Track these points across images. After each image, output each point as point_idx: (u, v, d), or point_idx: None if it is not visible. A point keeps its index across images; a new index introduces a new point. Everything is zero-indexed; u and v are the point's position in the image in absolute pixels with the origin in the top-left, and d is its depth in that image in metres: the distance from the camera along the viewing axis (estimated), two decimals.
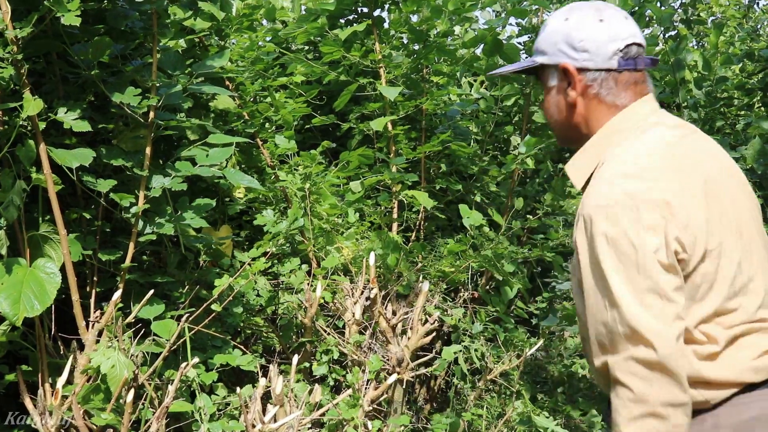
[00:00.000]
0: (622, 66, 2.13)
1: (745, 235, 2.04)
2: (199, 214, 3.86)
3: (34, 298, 3.24)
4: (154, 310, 3.72)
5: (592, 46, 2.12)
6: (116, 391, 3.28)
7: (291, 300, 4.34)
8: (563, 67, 2.16)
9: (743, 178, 2.16)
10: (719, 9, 9.58)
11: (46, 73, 3.80)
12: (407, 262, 4.68)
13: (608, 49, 2.12)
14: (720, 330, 1.96)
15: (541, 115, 5.52)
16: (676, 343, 1.87)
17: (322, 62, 5.10)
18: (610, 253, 1.90)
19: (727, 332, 1.95)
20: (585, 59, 2.13)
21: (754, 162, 5.07)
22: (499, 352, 4.80)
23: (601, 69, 2.13)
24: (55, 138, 3.63)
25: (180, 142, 4.24)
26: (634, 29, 2.16)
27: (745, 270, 2.00)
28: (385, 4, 5.14)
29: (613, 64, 2.12)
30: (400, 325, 4.35)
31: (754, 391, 1.95)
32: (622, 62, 2.13)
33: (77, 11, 3.20)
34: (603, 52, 2.12)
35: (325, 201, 4.64)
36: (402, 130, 5.06)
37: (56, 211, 3.41)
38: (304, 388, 3.81)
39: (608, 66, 2.12)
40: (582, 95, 2.16)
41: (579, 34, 2.13)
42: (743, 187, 2.13)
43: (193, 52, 4.56)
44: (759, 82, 5.80)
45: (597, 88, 2.14)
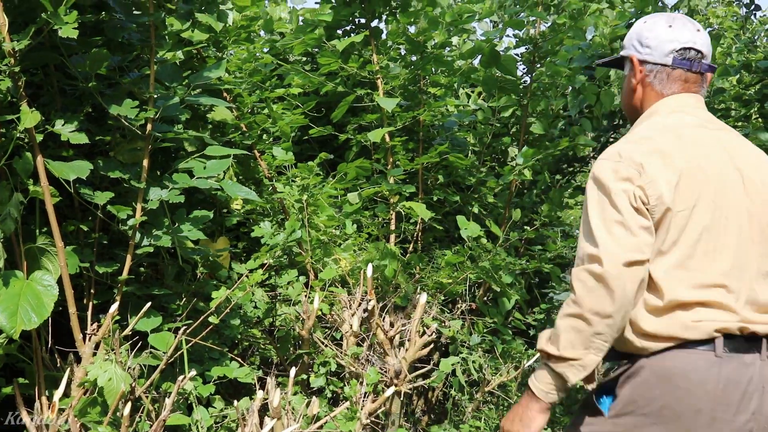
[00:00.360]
0: (676, 64, 2.49)
1: (729, 220, 2.31)
2: (197, 226, 3.86)
3: (31, 310, 3.24)
4: (152, 322, 3.72)
5: (654, 43, 2.51)
6: (113, 404, 3.26)
7: (288, 312, 4.34)
8: (630, 58, 2.58)
9: (762, 181, 2.40)
10: (716, 20, 9.60)
11: (44, 85, 3.80)
12: (405, 274, 4.68)
13: (666, 47, 2.49)
14: (672, 288, 2.25)
15: (539, 126, 5.53)
16: (625, 267, 2.19)
17: (319, 73, 5.10)
18: (593, 193, 2.32)
19: (678, 291, 2.24)
20: (647, 53, 2.53)
21: None
22: (497, 364, 4.79)
23: (658, 63, 2.51)
24: (53, 150, 3.63)
25: (177, 153, 4.23)
26: (699, 39, 2.50)
27: (712, 244, 2.28)
28: (382, 15, 5.15)
29: (668, 61, 2.49)
30: (398, 337, 4.34)
31: (686, 348, 2.23)
32: (677, 61, 2.49)
33: (74, 24, 3.19)
34: (662, 49, 2.50)
35: (323, 212, 4.64)
36: (399, 142, 5.06)
37: (53, 224, 3.40)
38: (301, 401, 3.79)
39: (664, 62, 2.50)
40: (641, 83, 2.56)
41: (648, 33, 2.54)
42: (754, 186, 2.37)
43: (191, 64, 4.56)
44: (756, 93, 5.79)
45: (652, 78, 2.53)
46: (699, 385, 2.19)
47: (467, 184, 5.70)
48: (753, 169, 2.40)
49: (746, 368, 2.22)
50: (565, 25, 5.40)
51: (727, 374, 2.20)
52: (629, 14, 5.82)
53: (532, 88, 5.44)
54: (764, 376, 2.24)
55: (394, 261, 4.55)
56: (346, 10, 5.02)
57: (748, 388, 2.21)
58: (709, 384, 2.19)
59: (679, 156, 2.32)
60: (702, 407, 2.19)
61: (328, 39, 5.13)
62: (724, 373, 2.19)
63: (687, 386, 2.20)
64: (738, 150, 2.41)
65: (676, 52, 2.48)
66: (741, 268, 2.29)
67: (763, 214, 2.36)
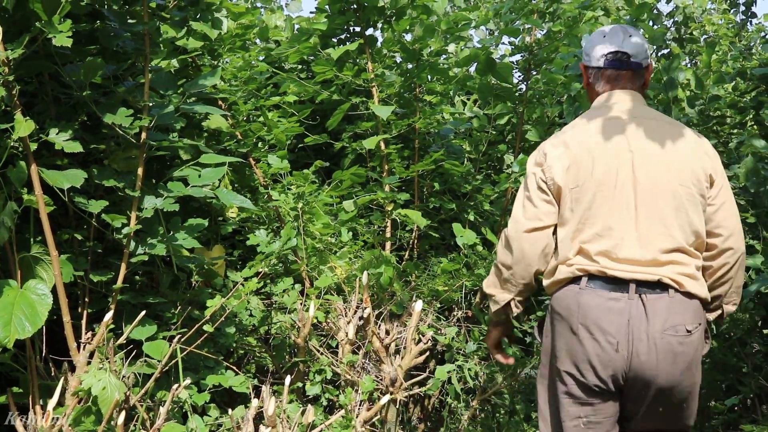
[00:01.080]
0: (607, 65, 3.07)
1: (613, 192, 2.88)
2: (192, 234, 3.85)
3: (25, 319, 3.23)
4: (146, 330, 3.71)
5: (592, 51, 3.11)
6: (107, 413, 3.26)
7: (284, 320, 4.33)
8: (581, 65, 3.20)
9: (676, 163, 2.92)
10: (712, 28, 9.61)
11: (38, 93, 3.80)
12: (400, 282, 4.67)
13: (599, 53, 3.09)
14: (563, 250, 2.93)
15: (534, 133, 5.53)
16: (525, 232, 2.97)
17: (314, 81, 5.10)
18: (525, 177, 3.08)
19: (565, 253, 2.93)
20: (587, 60, 3.14)
21: (746, 180, 5.06)
22: (492, 372, 4.79)
23: (594, 66, 3.11)
24: (47, 159, 3.63)
25: (172, 162, 4.23)
26: (627, 43, 3.07)
27: (594, 212, 2.89)
28: (377, 24, 5.15)
29: (600, 64, 3.08)
30: (394, 345, 4.34)
31: (565, 286, 2.92)
32: (608, 62, 3.07)
33: (69, 32, 3.20)
34: (595, 55, 3.10)
35: (318, 220, 4.64)
36: (395, 149, 5.06)
37: (47, 233, 3.40)
38: (296, 409, 3.79)
39: (598, 65, 3.09)
40: (587, 84, 3.18)
41: (589, 44, 3.15)
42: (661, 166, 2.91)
43: (186, 72, 4.56)
44: (751, 100, 5.79)
45: (592, 79, 3.14)
46: (566, 308, 2.88)
47: (463, 191, 5.69)
48: (650, 150, 2.92)
49: (605, 300, 2.82)
50: (560, 32, 5.41)
51: (586, 300, 2.84)
52: (624, 21, 5.83)
53: (528, 95, 5.44)
54: (630, 311, 2.80)
55: (389, 268, 4.55)
56: (341, 19, 5.03)
57: (608, 316, 2.80)
58: (572, 306, 2.86)
59: (576, 144, 2.96)
60: (571, 323, 2.87)
61: (323, 47, 5.13)
62: (582, 299, 2.84)
63: (560, 309, 2.91)
64: (643, 136, 2.95)
65: (605, 56, 3.07)
66: (612, 228, 2.87)
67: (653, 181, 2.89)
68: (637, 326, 2.78)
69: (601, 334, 2.80)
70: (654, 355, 2.78)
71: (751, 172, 5.07)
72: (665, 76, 5.41)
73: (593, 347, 2.82)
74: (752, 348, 5.61)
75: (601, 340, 2.80)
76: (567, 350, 2.89)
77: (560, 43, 5.34)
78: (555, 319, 2.94)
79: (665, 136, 2.96)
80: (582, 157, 2.91)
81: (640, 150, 2.91)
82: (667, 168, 2.91)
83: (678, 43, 8.51)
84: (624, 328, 2.79)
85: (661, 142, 2.95)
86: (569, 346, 2.88)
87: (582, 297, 2.85)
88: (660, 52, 8.69)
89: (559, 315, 2.91)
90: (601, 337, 2.80)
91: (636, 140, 2.93)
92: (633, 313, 2.80)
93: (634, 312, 2.80)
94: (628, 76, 3.08)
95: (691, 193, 2.91)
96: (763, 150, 5.11)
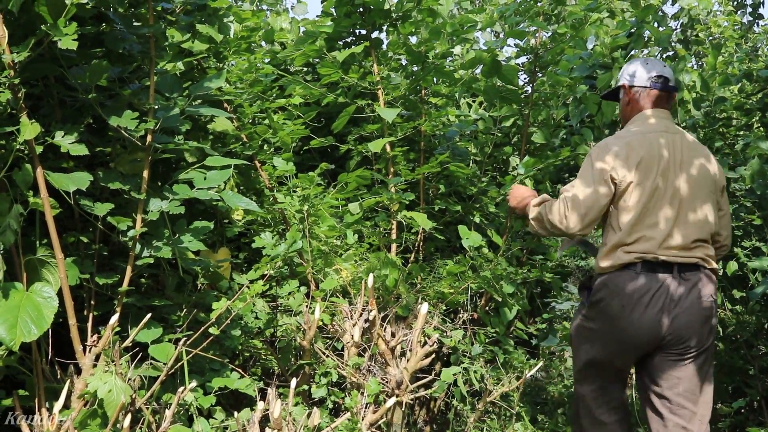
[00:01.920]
0: (652, 86, 3.86)
1: (665, 191, 3.64)
2: (197, 236, 3.85)
3: (31, 322, 3.23)
4: (152, 333, 3.71)
5: (635, 73, 3.91)
6: (113, 416, 3.26)
7: (289, 322, 4.33)
8: (623, 85, 3.95)
9: (702, 173, 3.72)
10: (717, 30, 9.59)
11: (44, 96, 3.80)
12: (406, 284, 4.67)
13: (645, 76, 3.88)
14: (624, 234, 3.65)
15: (540, 135, 5.53)
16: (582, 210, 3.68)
17: (320, 84, 5.10)
18: (585, 163, 3.77)
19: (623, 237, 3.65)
20: (629, 81, 3.92)
21: (752, 182, 5.06)
22: (498, 374, 4.78)
23: (640, 86, 3.89)
24: (53, 161, 3.63)
25: (178, 164, 4.23)
26: (666, 70, 3.89)
27: (651, 206, 3.62)
28: (383, 27, 5.15)
29: (647, 84, 3.87)
30: (399, 347, 4.33)
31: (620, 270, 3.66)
32: (653, 84, 3.86)
33: (74, 35, 3.20)
34: (641, 77, 3.89)
35: (324, 223, 4.64)
36: (400, 152, 5.06)
37: (53, 235, 3.40)
38: (302, 412, 3.79)
39: (644, 85, 3.88)
40: (630, 101, 3.93)
41: (629, 68, 3.96)
42: (694, 174, 3.69)
43: (192, 75, 4.57)
44: (758, 102, 5.79)
45: (638, 97, 3.90)
46: (622, 288, 3.62)
47: (468, 193, 5.69)
48: (687, 159, 3.69)
49: (656, 281, 3.59)
50: (566, 35, 5.40)
51: (642, 283, 3.59)
52: (629, 24, 5.82)
53: (534, 97, 5.43)
54: (672, 287, 3.59)
55: (395, 271, 4.55)
56: (347, 21, 5.03)
57: (656, 293, 3.58)
58: (628, 288, 3.61)
59: (640, 148, 3.66)
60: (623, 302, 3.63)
61: (329, 50, 5.13)
62: (638, 282, 3.59)
63: (614, 288, 3.66)
64: (680, 147, 3.70)
65: (651, 78, 3.86)
66: (664, 221, 3.62)
67: (689, 186, 3.65)
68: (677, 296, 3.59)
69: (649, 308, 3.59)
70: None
71: (758, 174, 5.07)
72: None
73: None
74: (759, 350, 5.60)
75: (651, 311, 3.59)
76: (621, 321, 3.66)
77: (566, 44, 5.34)
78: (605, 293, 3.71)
79: (698, 150, 3.76)
80: (647, 159, 3.64)
81: (683, 159, 3.69)
82: (702, 176, 3.70)
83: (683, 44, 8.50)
84: (661, 302, 3.58)
85: (696, 155, 3.73)
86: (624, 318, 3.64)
87: (639, 281, 3.59)
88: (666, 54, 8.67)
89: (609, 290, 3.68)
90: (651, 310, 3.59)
91: (680, 151, 3.70)
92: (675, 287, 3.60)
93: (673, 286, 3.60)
94: (666, 97, 3.88)
95: (714, 199, 3.74)
96: None
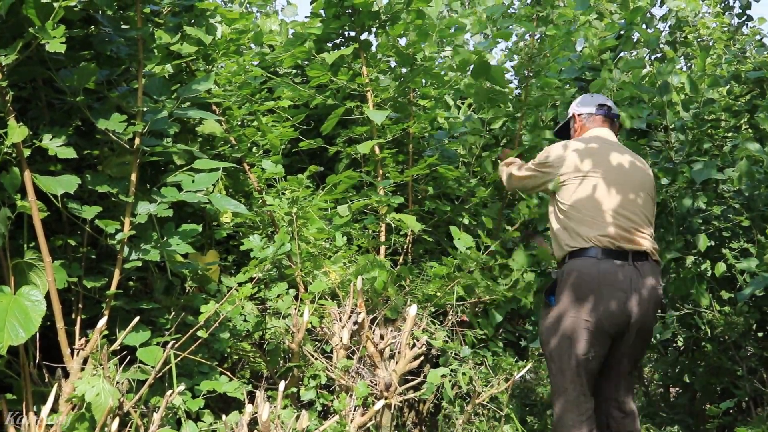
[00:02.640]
0: (597, 112, 4.59)
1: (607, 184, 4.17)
2: (186, 239, 3.84)
3: (18, 326, 3.22)
4: (140, 336, 3.70)
5: (585, 103, 4.64)
6: (101, 420, 3.26)
7: (278, 325, 4.33)
8: (573, 114, 4.65)
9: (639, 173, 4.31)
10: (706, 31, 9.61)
11: (32, 99, 3.79)
12: (395, 286, 4.67)
13: (592, 104, 4.61)
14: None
15: (529, 137, 5.53)
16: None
17: (309, 86, 5.10)
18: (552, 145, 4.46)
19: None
20: (579, 110, 4.64)
21: (741, 184, 5.07)
22: (487, 376, 4.79)
23: (587, 113, 4.61)
24: (41, 165, 3.62)
25: (166, 167, 4.22)
26: (609, 101, 4.65)
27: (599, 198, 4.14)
28: (371, 28, 5.15)
29: (593, 111, 4.59)
30: (388, 350, 4.34)
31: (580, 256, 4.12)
32: (599, 110, 4.59)
33: (62, 38, 3.19)
34: (588, 105, 4.62)
35: (313, 225, 4.64)
36: (389, 154, 5.06)
37: (41, 239, 3.39)
38: (291, 414, 3.78)
39: (591, 111, 4.60)
40: (580, 126, 4.62)
41: (581, 100, 4.69)
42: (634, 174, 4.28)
43: (180, 77, 4.56)
44: (746, 104, 5.79)
45: (586, 121, 4.61)
46: (588, 273, 4.06)
47: (457, 194, 5.69)
48: (635, 166, 4.30)
49: (616, 266, 4.03)
50: (555, 37, 5.41)
51: (604, 267, 4.02)
52: (618, 26, 5.83)
53: (528, 102, 5.39)
54: (632, 273, 4.05)
55: (384, 273, 4.55)
56: (336, 23, 5.03)
57: (617, 277, 4.01)
58: (593, 272, 4.04)
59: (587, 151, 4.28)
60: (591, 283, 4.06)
61: (318, 52, 5.13)
62: (601, 267, 4.03)
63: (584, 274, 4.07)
64: (629, 156, 4.32)
65: (597, 106, 4.58)
66: (619, 215, 4.12)
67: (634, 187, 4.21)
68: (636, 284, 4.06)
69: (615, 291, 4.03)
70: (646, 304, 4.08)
71: (746, 175, 5.08)
72: (660, 79, 5.43)
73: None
74: (747, 351, 5.62)
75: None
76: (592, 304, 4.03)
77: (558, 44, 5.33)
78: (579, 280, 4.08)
79: (637, 159, 4.39)
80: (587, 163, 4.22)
81: (631, 165, 4.29)
82: (646, 179, 4.32)
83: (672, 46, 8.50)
84: (628, 285, 4.03)
85: (638, 162, 4.36)
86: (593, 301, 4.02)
87: (600, 265, 4.03)
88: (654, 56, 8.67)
89: (582, 277, 4.06)
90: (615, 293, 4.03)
91: (627, 159, 4.31)
92: (632, 275, 4.06)
93: (634, 274, 4.06)
94: (609, 122, 4.60)
95: (653, 198, 4.35)
96: (757, 153, 5.11)
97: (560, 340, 4.09)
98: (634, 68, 5.63)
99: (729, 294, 5.50)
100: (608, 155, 4.25)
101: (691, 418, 6.04)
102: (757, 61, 6.07)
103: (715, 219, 5.43)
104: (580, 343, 4.02)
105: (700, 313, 5.54)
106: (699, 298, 5.30)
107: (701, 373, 5.89)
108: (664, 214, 5.36)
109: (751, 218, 5.30)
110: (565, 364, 4.06)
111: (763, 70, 5.81)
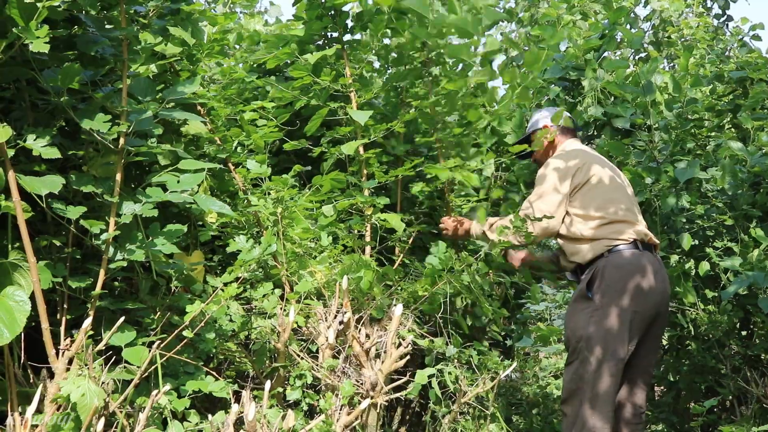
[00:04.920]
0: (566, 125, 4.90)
1: (611, 187, 4.47)
2: (171, 239, 3.84)
3: (3, 326, 3.22)
4: (126, 336, 3.70)
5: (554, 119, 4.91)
6: (87, 420, 3.25)
7: (264, 325, 4.32)
8: (544, 126, 4.88)
9: (618, 174, 4.67)
10: (689, 31, 9.66)
11: (16, 99, 3.78)
12: (380, 286, 4.67)
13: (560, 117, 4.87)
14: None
15: (513, 137, 5.55)
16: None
17: (292, 87, 5.09)
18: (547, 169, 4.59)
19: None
20: (553, 124, 4.86)
21: (724, 183, 5.10)
22: (473, 376, 4.79)
23: (561, 126, 4.86)
24: (25, 165, 3.61)
25: (151, 167, 4.22)
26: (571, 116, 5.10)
27: (611, 200, 4.42)
28: (354, 29, 5.16)
29: (565, 124, 4.87)
30: (374, 349, 4.34)
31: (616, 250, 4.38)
32: (572, 124, 4.95)
33: (46, 38, 3.19)
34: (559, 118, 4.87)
35: (298, 225, 4.63)
36: (374, 154, 5.06)
37: (25, 239, 3.38)
38: (277, 414, 3.78)
39: (565, 125, 4.88)
40: (555, 139, 4.86)
41: (546, 113, 4.98)
42: (617, 175, 4.61)
43: (165, 78, 4.55)
44: (729, 103, 5.84)
45: (559, 134, 4.87)
46: (626, 268, 4.33)
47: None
48: (611, 166, 4.64)
49: (648, 259, 4.36)
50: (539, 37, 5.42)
51: (641, 262, 4.33)
52: (602, 26, 5.86)
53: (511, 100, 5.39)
54: (658, 266, 4.42)
55: (369, 273, 4.55)
56: (318, 24, 5.03)
57: (651, 269, 4.33)
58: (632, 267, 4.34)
59: (585, 157, 4.55)
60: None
61: (301, 53, 5.13)
62: (638, 261, 4.31)
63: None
64: (603, 159, 4.66)
65: (568, 119, 4.90)
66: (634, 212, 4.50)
67: (627, 185, 4.64)
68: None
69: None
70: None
71: (729, 174, 5.11)
72: (643, 79, 5.45)
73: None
74: (731, 350, 5.65)
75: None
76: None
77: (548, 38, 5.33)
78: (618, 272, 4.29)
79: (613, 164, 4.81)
80: (586, 167, 4.49)
81: (612, 168, 4.63)
82: (625, 180, 4.67)
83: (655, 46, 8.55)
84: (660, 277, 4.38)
85: (615, 165, 4.75)
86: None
87: (638, 259, 4.30)
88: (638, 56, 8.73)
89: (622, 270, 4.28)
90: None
91: (606, 161, 4.67)
92: (658, 267, 4.40)
93: (658, 266, 4.41)
94: (579, 135, 5.03)
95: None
96: (740, 152, 5.15)
97: (605, 334, 4.19)
98: (618, 68, 5.66)
99: (713, 293, 5.53)
100: (597, 159, 4.59)
101: (675, 416, 6.06)
102: (740, 61, 6.10)
103: (699, 218, 5.46)
104: (623, 335, 4.17)
105: (684, 312, 5.56)
106: (686, 296, 5.32)
107: (685, 372, 5.92)
108: (648, 213, 5.38)
109: (735, 217, 5.33)
110: (608, 356, 4.17)
111: (746, 69, 5.85)
